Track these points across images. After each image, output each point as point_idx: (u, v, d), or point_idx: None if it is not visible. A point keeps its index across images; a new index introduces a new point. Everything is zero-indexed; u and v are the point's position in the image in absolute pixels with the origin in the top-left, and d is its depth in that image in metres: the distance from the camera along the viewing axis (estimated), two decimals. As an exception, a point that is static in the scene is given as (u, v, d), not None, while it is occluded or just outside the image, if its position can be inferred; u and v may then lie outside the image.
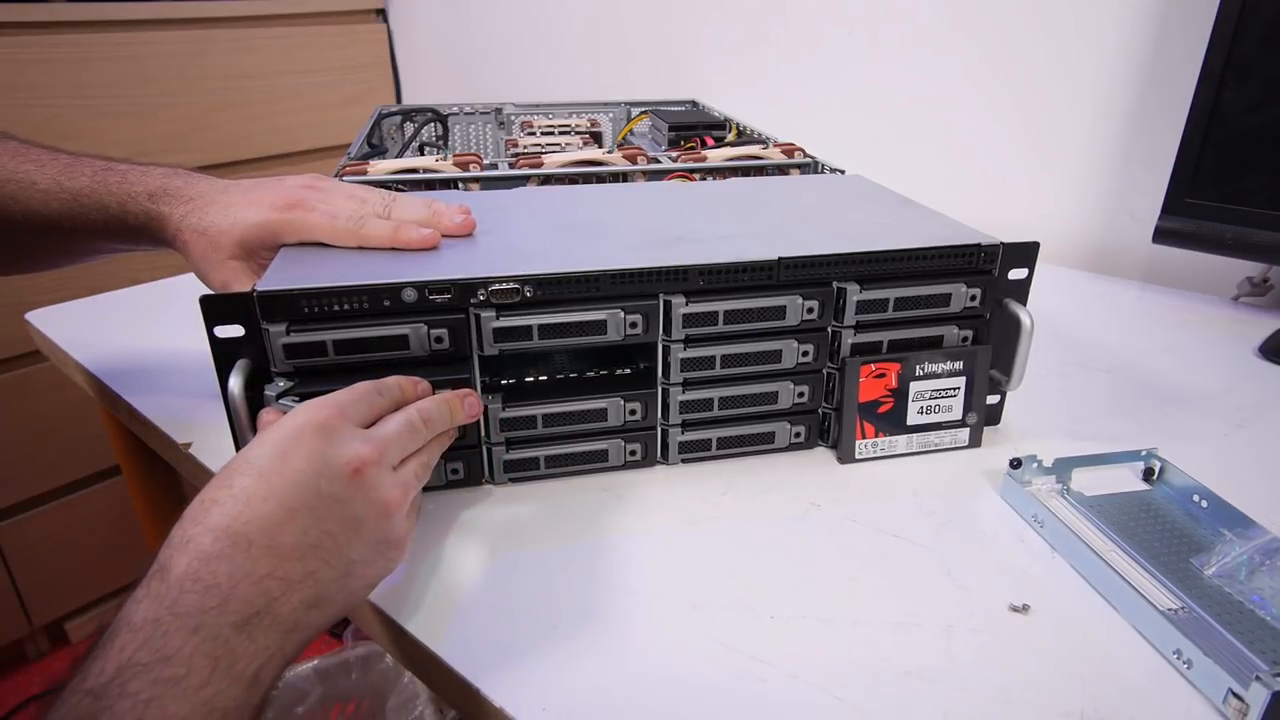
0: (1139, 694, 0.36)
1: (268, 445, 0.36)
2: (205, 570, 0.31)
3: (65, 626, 1.50)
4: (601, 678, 0.37)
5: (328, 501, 0.35)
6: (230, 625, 0.31)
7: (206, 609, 0.31)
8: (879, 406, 0.52)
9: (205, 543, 0.32)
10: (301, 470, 0.35)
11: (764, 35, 1.11)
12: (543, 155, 0.74)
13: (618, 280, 0.46)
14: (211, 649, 0.30)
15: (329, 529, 0.35)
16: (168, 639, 0.30)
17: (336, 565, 0.35)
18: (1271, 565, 0.42)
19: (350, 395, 0.39)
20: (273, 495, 0.34)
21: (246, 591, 0.32)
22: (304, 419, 0.37)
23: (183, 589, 0.31)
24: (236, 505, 0.33)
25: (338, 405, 0.38)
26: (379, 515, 0.37)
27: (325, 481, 0.35)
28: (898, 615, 0.40)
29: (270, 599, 0.33)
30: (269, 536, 0.33)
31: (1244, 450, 0.55)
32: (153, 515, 0.88)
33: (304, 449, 0.35)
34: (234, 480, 0.34)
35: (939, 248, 0.50)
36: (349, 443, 0.37)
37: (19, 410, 1.30)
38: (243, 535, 0.33)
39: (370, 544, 0.37)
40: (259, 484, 0.34)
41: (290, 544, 0.34)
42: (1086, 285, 0.87)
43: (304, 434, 0.36)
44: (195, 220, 0.51)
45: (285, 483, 0.34)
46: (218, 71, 1.39)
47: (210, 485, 0.35)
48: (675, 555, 0.45)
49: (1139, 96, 0.85)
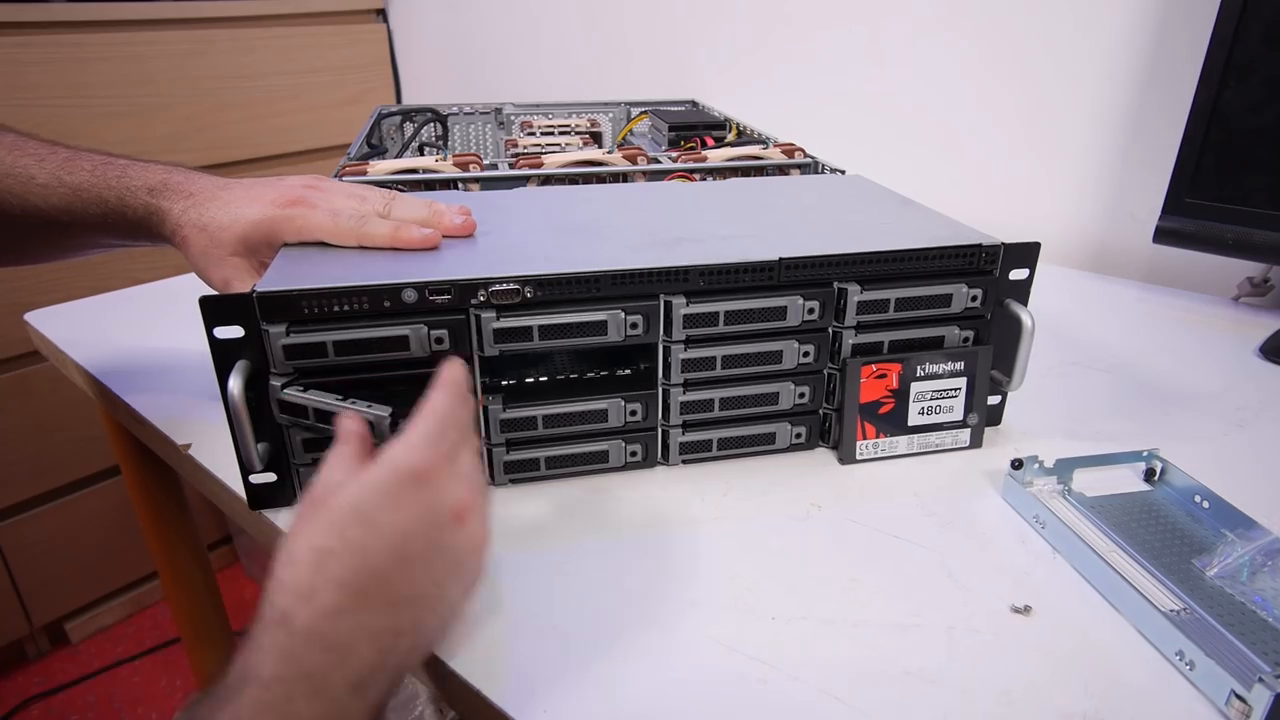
0: (1141, 695, 0.36)
1: (377, 492, 0.34)
2: (327, 626, 0.31)
3: (65, 626, 1.50)
4: (602, 678, 0.37)
5: (437, 550, 0.35)
6: (347, 687, 0.31)
7: (329, 669, 0.31)
8: (880, 407, 0.52)
9: (327, 598, 0.32)
10: (414, 520, 0.34)
11: (764, 35, 1.11)
12: (543, 155, 0.74)
13: (618, 281, 0.46)
14: (327, 712, 0.30)
15: (436, 577, 0.35)
16: (293, 703, 0.30)
17: (440, 611, 0.35)
18: (1273, 566, 0.41)
19: (440, 429, 0.37)
20: (387, 549, 0.33)
21: (364, 649, 0.32)
22: (408, 465, 0.35)
23: (308, 646, 0.31)
24: (355, 559, 0.33)
25: (435, 448, 0.36)
26: (474, 555, 0.37)
27: (435, 530, 0.35)
28: (899, 616, 0.40)
29: (383, 653, 0.33)
30: (386, 591, 0.33)
31: (1245, 450, 0.55)
32: (153, 515, 0.88)
33: (413, 499, 0.34)
34: (346, 531, 0.33)
35: (940, 248, 0.50)
36: (451, 489, 0.36)
37: (19, 410, 1.30)
38: (363, 591, 0.32)
39: (466, 583, 0.37)
40: (373, 536, 0.33)
41: (404, 595, 0.33)
42: (1087, 285, 0.87)
43: (409, 482, 0.35)
44: (195, 216, 0.51)
45: (398, 535, 0.34)
46: (218, 71, 1.39)
47: (314, 528, 0.33)
48: (676, 556, 0.44)
49: (1139, 96, 0.85)
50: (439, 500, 0.35)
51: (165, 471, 0.86)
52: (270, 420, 0.45)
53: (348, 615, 0.32)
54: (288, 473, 0.47)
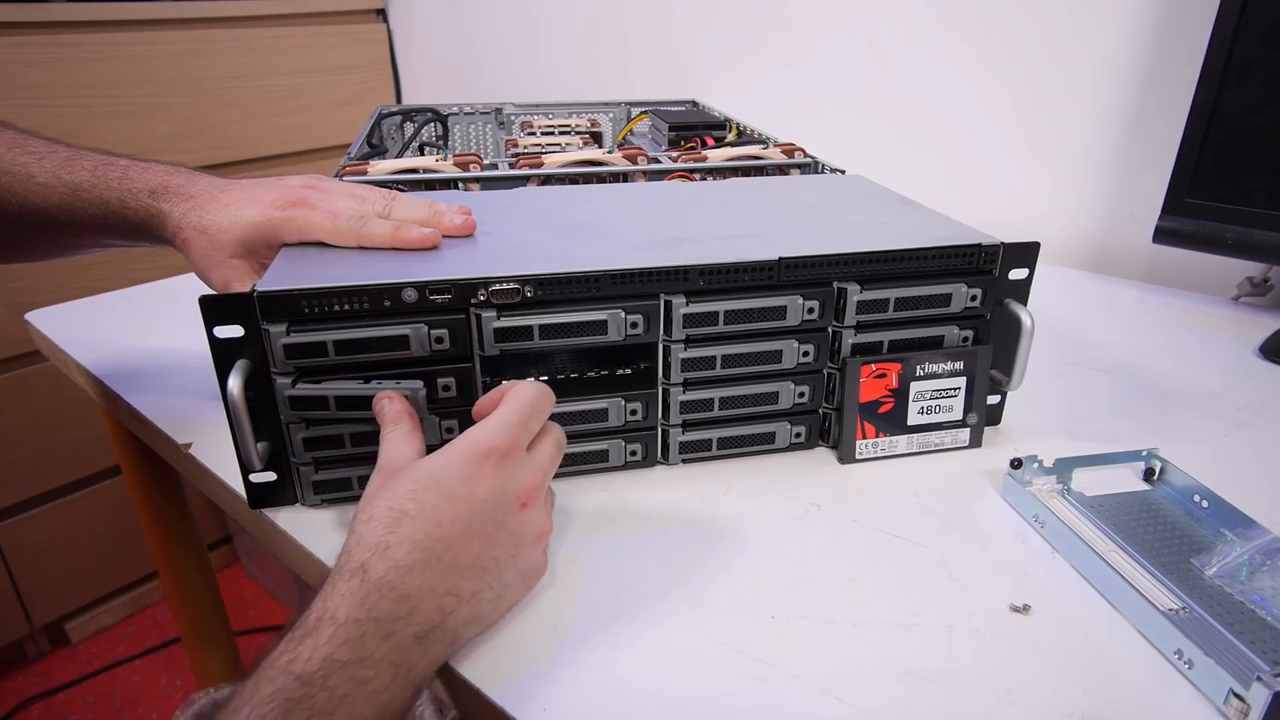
0: (1140, 694, 0.36)
1: (454, 467, 0.38)
2: (399, 579, 0.34)
3: (65, 626, 1.50)
4: (602, 678, 0.37)
5: (500, 529, 0.38)
6: (413, 636, 0.34)
7: (397, 618, 0.33)
8: (879, 407, 0.52)
9: (400, 554, 0.35)
10: (485, 498, 0.38)
11: (764, 35, 1.11)
12: (543, 155, 0.74)
13: (618, 280, 0.46)
14: (396, 657, 0.33)
15: (496, 554, 0.38)
16: (365, 642, 0.32)
17: (495, 587, 0.38)
18: (1272, 565, 0.42)
19: (521, 418, 0.40)
20: (459, 518, 0.37)
21: (429, 605, 0.35)
22: (488, 444, 0.39)
23: (381, 595, 0.33)
24: (428, 522, 0.36)
25: (514, 434, 0.40)
26: (533, 543, 0.40)
27: (500, 511, 0.38)
28: (898, 615, 0.40)
29: (445, 614, 0.35)
30: (452, 555, 0.36)
31: (1244, 450, 0.55)
32: (153, 515, 0.88)
33: (487, 476, 0.38)
34: (423, 496, 0.37)
35: (939, 248, 0.50)
36: (522, 475, 0.40)
37: (19, 410, 1.30)
38: (432, 552, 0.35)
39: (521, 570, 0.40)
40: (447, 505, 0.37)
41: (467, 564, 0.37)
42: (1086, 285, 0.87)
43: (489, 460, 0.38)
44: (195, 218, 0.51)
45: (469, 508, 0.37)
46: (218, 71, 1.39)
47: (393, 492, 0.37)
48: (675, 555, 0.44)
49: (1139, 96, 0.85)
50: (508, 483, 0.39)
51: (165, 471, 0.86)
52: (270, 419, 0.45)
53: (417, 573, 0.35)
54: (288, 472, 0.47)
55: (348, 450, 0.46)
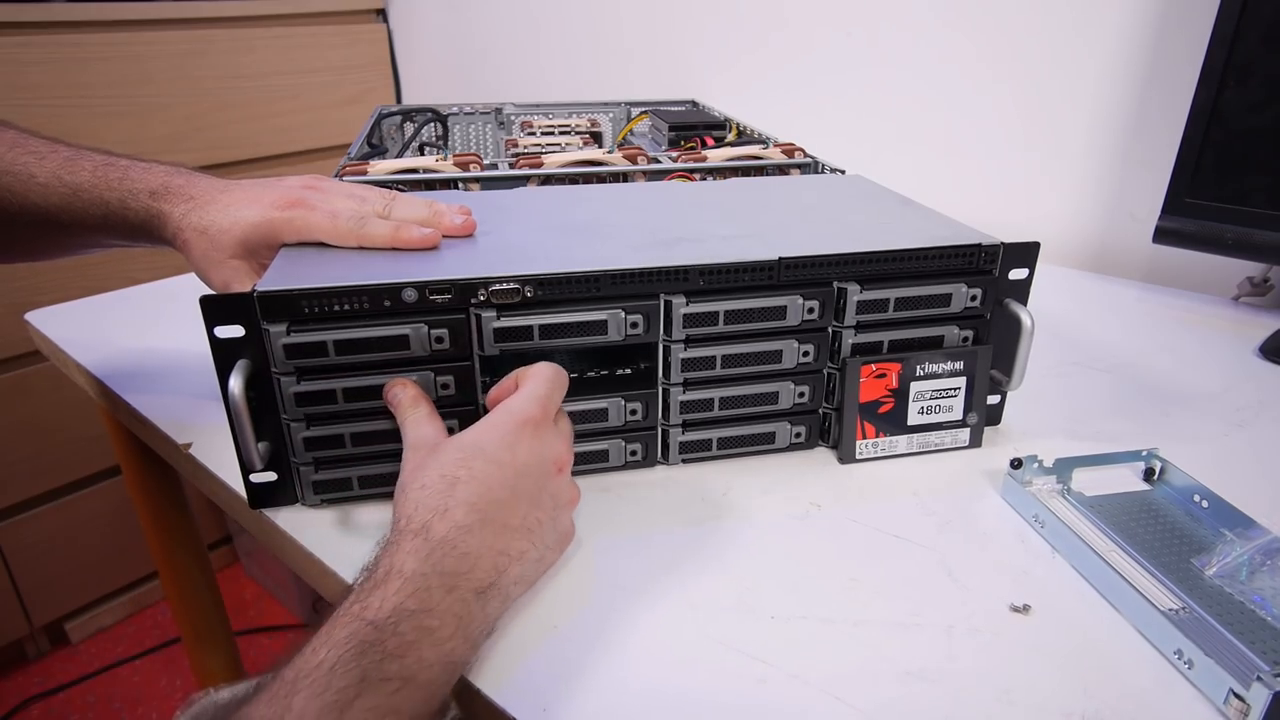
0: (1140, 694, 0.36)
1: (495, 435, 0.40)
2: (459, 538, 0.37)
3: (65, 626, 1.50)
4: (602, 677, 0.37)
5: (542, 492, 0.41)
6: (473, 591, 0.36)
7: (459, 573, 0.36)
8: (879, 406, 0.52)
9: (459, 515, 0.37)
10: (527, 463, 0.40)
11: (764, 35, 1.11)
12: (543, 155, 0.74)
13: (618, 280, 0.46)
14: (459, 609, 0.35)
15: (540, 516, 0.41)
16: (430, 594, 0.35)
17: (539, 547, 0.41)
18: (1272, 565, 0.42)
19: (548, 390, 0.43)
20: (506, 482, 0.39)
21: (486, 563, 0.37)
22: (526, 414, 0.41)
23: (444, 552, 0.36)
24: (480, 486, 0.38)
25: (544, 405, 0.42)
26: (566, 508, 0.44)
27: (541, 475, 0.41)
28: (898, 615, 0.40)
29: (500, 571, 0.38)
30: (503, 516, 0.39)
31: (1244, 450, 0.55)
32: (153, 515, 0.88)
33: (527, 443, 0.41)
34: (471, 464, 0.39)
35: (939, 248, 0.50)
36: (555, 443, 0.43)
37: (19, 410, 1.30)
38: (486, 514, 0.38)
39: (557, 533, 0.43)
40: (495, 469, 0.39)
41: (515, 525, 0.39)
42: (1086, 285, 0.87)
43: (526, 428, 0.41)
44: (196, 219, 0.51)
45: (515, 472, 0.40)
46: (218, 71, 1.39)
47: (441, 461, 0.39)
48: (675, 555, 0.44)
49: (1139, 96, 0.85)
50: (545, 449, 0.42)
51: (166, 471, 0.86)
52: (271, 419, 0.45)
53: (475, 532, 0.37)
54: (288, 472, 0.47)
55: (348, 450, 0.46)
